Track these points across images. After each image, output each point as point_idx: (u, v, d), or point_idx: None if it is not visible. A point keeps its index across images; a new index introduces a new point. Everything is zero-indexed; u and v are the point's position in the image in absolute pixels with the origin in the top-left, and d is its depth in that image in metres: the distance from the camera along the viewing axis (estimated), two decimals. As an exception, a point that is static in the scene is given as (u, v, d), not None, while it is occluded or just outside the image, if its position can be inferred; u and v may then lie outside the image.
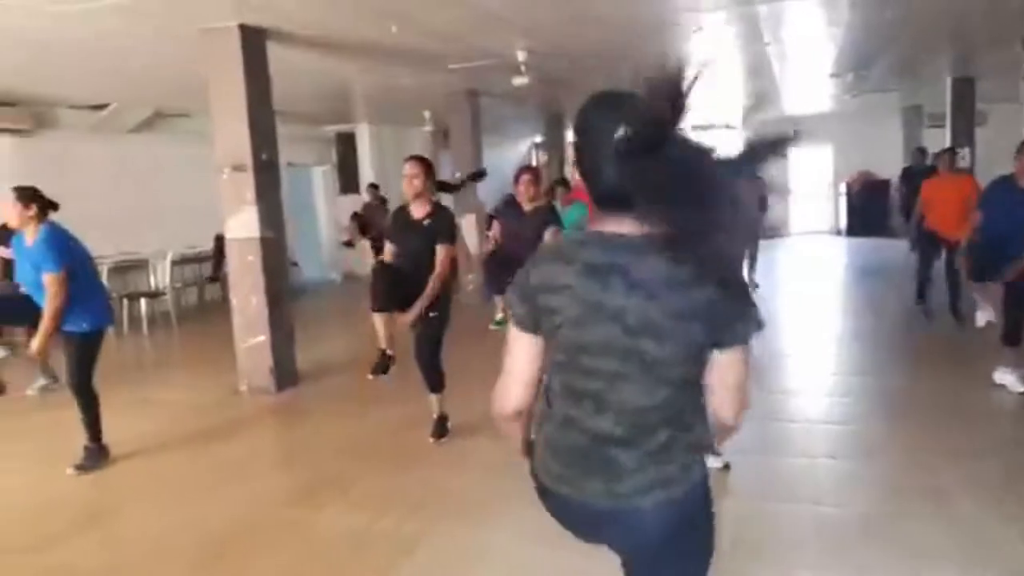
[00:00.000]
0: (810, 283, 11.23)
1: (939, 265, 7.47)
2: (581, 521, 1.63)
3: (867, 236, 15.73)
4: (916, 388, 5.42)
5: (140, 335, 9.18)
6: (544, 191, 7.15)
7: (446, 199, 7.68)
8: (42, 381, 6.31)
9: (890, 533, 3.27)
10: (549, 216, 6.05)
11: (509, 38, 7.35)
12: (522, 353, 1.60)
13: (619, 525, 1.57)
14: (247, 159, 5.94)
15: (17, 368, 6.41)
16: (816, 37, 8.49)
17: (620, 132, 1.42)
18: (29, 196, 4.45)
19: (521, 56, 7.92)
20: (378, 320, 4.64)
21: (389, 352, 4.75)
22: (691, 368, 1.51)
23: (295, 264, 12.62)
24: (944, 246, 7.27)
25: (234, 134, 5.98)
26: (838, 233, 17.68)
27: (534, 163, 19.11)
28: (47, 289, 4.33)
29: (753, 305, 1.50)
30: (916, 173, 10.11)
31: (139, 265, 9.97)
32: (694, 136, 1.38)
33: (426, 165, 4.59)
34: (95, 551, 3.53)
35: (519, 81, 8.31)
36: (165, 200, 10.38)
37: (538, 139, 18.50)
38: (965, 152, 11.29)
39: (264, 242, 6.05)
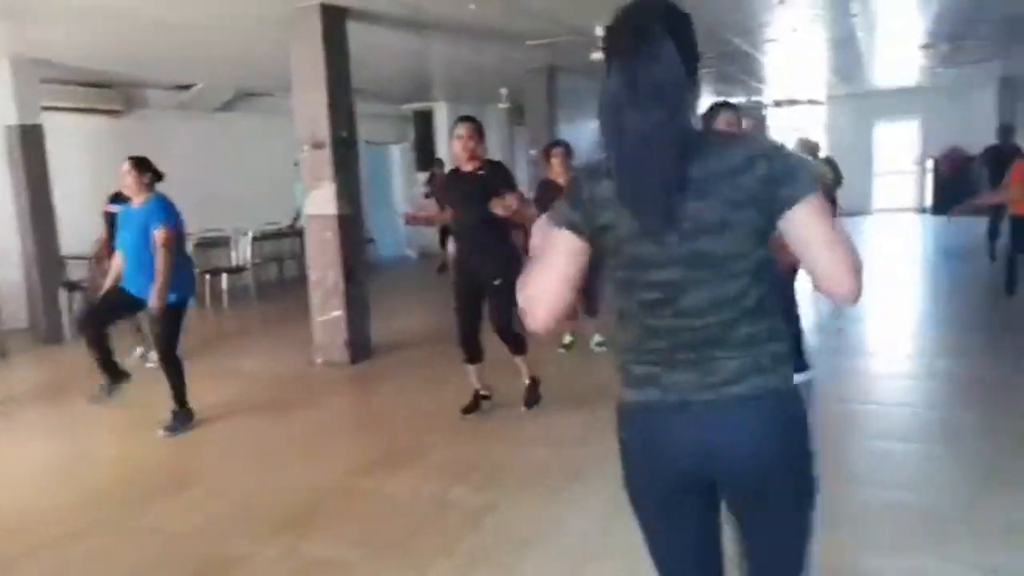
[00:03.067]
0: (891, 262, 10.80)
1: None
2: (670, 431, 1.51)
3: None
4: (999, 372, 5.15)
5: (221, 309, 9.56)
6: None
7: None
8: (140, 350, 6.60)
9: (969, 518, 3.15)
10: None
11: (590, 13, 7.27)
12: (563, 252, 1.53)
13: (716, 421, 1.47)
14: (326, 137, 6.07)
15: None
16: (909, 5, 8.11)
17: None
18: (144, 165, 4.84)
19: (600, 31, 7.82)
20: (470, 369, 4.75)
21: (484, 393, 4.83)
22: (758, 255, 1.46)
23: (371, 241, 12.86)
24: None
25: (314, 112, 6.11)
26: (923, 211, 16.94)
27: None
28: (158, 244, 4.58)
29: (800, 166, 1.44)
30: (1000, 153, 9.49)
31: (221, 241, 10.34)
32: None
33: (478, 126, 4.52)
34: (182, 514, 3.70)
35: (597, 56, 8.20)
36: (247, 178, 10.70)
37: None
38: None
39: (341, 219, 6.18)
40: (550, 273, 1.55)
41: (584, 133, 17.99)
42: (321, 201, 6.18)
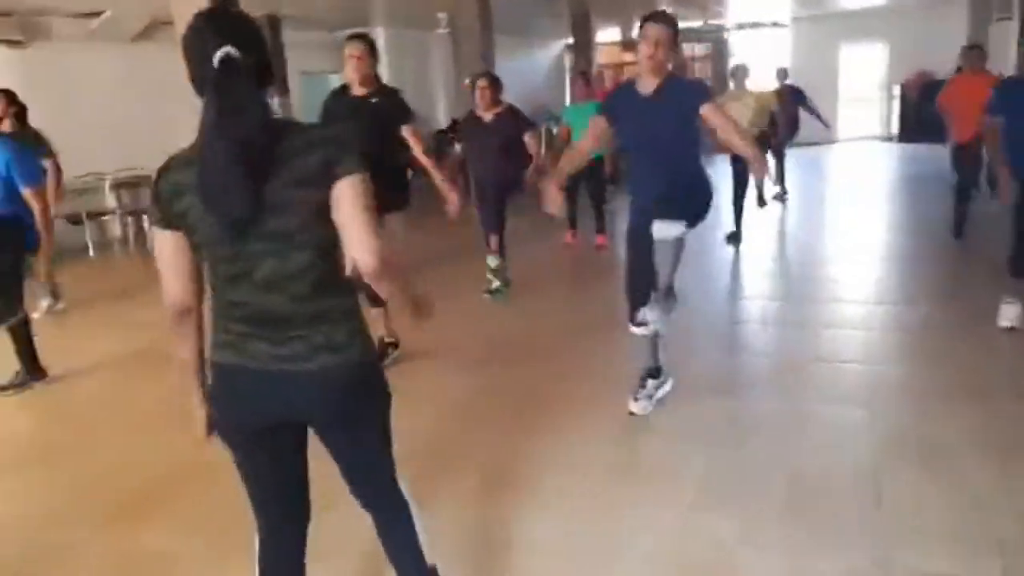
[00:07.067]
0: (846, 195, 10.44)
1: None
2: (254, 388, 1.64)
3: (922, 142, 14.60)
4: (944, 324, 4.75)
5: (145, 254, 9.04)
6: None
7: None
8: (48, 300, 6.17)
9: (888, 495, 2.85)
10: (514, 121, 5.58)
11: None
12: (167, 248, 1.64)
13: (283, 388, 1.63)
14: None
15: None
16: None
17: (222, 52, 1.50)
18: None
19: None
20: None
21: (389, 340, 4.45)
22: (324, 231, 1.57)
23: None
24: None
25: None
26: (890, 139, 16.55)
27: (567, 66, 18.19)
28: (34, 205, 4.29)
29: (351, 148, 1.57)
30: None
31: (144, 181, 9.70)
32: None
33: (372, 45, 4.23)
34: (15, 495, 3.33)
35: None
36: (171, 114, 9.94)
37: (571, 40, 17.52)
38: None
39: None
40: (166, 272, 1.66)
41: (534, 62, 17.24)
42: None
